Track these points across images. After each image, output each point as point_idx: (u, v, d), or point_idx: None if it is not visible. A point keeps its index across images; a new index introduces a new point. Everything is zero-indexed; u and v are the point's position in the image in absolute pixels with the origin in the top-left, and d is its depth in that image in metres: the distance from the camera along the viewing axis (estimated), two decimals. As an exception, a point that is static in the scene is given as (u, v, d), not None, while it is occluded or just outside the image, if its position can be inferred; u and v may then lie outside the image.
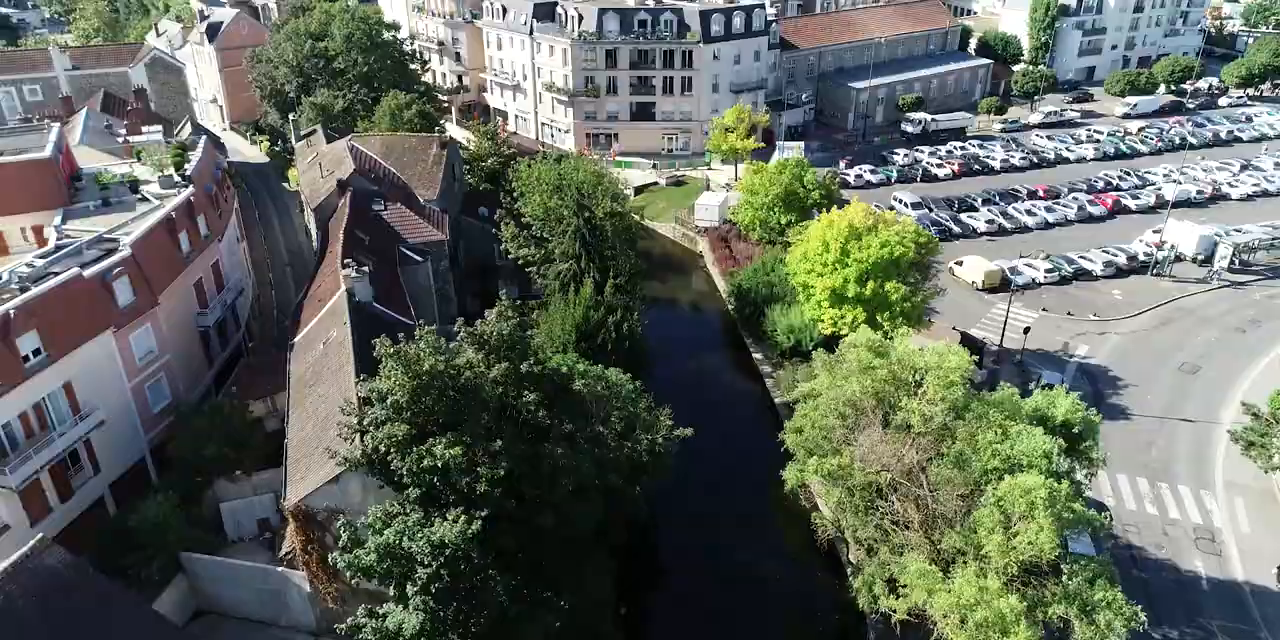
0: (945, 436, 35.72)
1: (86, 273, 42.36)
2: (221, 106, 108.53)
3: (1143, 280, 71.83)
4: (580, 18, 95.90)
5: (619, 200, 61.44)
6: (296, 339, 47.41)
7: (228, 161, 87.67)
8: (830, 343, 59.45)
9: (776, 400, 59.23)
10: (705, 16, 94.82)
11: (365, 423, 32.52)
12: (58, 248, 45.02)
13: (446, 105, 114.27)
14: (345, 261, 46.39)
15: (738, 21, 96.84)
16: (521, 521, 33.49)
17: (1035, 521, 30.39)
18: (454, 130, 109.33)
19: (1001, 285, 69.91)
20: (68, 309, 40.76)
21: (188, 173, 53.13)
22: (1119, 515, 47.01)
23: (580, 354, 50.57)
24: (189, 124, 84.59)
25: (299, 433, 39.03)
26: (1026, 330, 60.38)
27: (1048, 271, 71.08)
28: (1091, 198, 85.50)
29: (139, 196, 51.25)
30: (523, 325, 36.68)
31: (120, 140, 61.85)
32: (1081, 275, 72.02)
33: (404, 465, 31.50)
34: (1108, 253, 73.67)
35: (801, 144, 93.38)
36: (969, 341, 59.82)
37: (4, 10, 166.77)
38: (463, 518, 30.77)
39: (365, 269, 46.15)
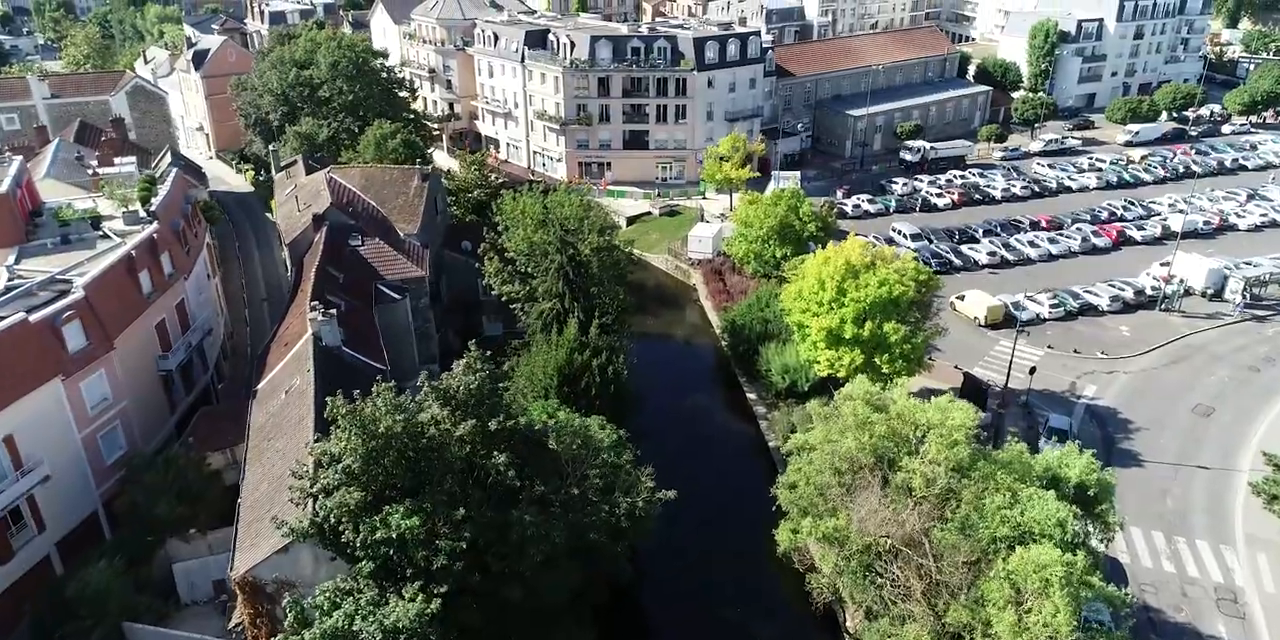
0: (950, 499, 33.02)
1: (33, 317, 39.79)
2: (208, 134, 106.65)
3: (1151, 315, 69.27)
4: (572, 45, 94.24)
5: (607, 234, 59.05)
6: (261, 385, 44.78)
7: (209, 191, 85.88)
8: (826, 384, 57.16)
9: (770, 444, 56.51)
10: (699, 44, 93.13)
11: (315, 489, 29.82)
12: (7, 289, 42.47)
13: (437, 133, 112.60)
14: (313, 303, 43.88)
15: (732, 49, 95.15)
16: (487, 595, 30.71)
17: (1050, 600, 27.61)
18: (444, 159, 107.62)
19: (1005, 321, 67.34)
20: (11, 356, 38.14)
21: (153, 208, 50.70)
22: (1134, 574, 44.13)
23: (562, 399, 48.04)
24: (169, 153, 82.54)
25: (253, 492, 36.27)
26: (1032, 371, 57.76)
27: (1052, 307, 68.57)
28: (1096, 228, 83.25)
29: (100, 233, 48.83)
30: (494, 377, 34.09)
31: (90, 172, 59.51)
32: (1088, 310, 69.46)
33: (356, 537, 28.77)
34: (1114, 287, 71.18)
35: (798, 173, 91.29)
36: (972, 383, 57.26)
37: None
38: (420, 596, 27.99)
39: (333, 311, 43.63)
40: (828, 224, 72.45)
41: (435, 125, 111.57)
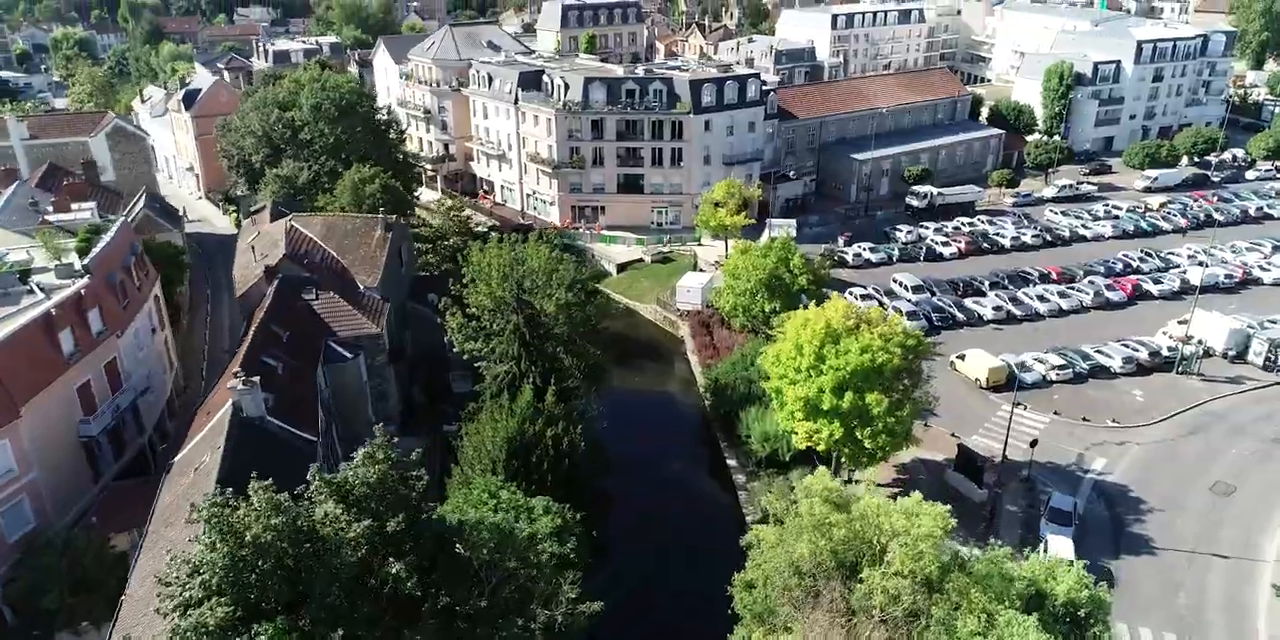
0: (917, 618, 28.59)
1: (-76, 386, 36.68)
2: (198, 175, 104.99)
3: (1167, 379, 64.35)
4: (566, 87, 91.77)
5: (576, 289, 55.47)
6: (178, 458, 41.26)
7: (185, 234, 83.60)
8: (810, 454, 52.83)
9: (748, 519, 52.03)
10: (696, 86, 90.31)
11: (174, 605, 25.95)
12: (-92, 352, 39.50)
13: (432, 174, 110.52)
14: (236, 370, 40.45)
15: (730, 91, 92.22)
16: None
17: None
18: (435, 198, 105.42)
19: (1007, 383, 62.64)
20: (-107, 430, 34.95)
21: (88, 261, 47.79)
22: (1143, 686, 39.20)
23: (511, 474, 44.13)
24: (144, 196, 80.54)
25: (138, 589, 32.51)
26: (1033, 444, 53.03)
27: (1060, 369, 63.90)
28: (1110, 281, 78.54)
29: (27, 288, 45.88)
30: (403, 466, 30.20)
31: (39, 219, 57.01)
32: (1098, 373, 64.65)
33: (215, 663, 24.85)
34: (1128, 346, 66.39)
35: (793, 221, 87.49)
36: (966, 456, 52.68)
37: (7, 74, 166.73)
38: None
39: (255, 380, 40.12)
40: (820, 276, 68.50)
41: (429, 167, 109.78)
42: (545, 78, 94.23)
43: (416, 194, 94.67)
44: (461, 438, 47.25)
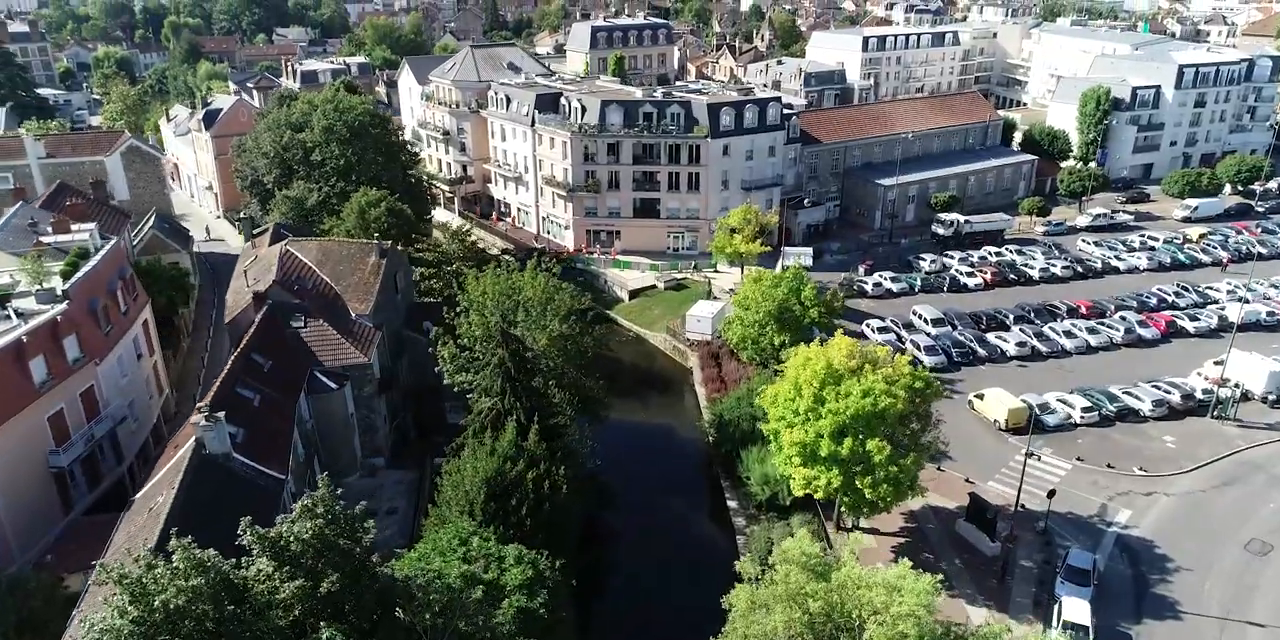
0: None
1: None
2: (216, 194, 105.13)
3: (1201, 424, 60.57)
4: (583, 109, 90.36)
5: (571, 321, 53.45)
6: (140, 494, 39.74)
7: (203, 252, 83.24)
8: (811, 499, 50.15)
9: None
10: (714, 110, 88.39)
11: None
12: None
13: (450, 196, 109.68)
14: (200, 404, 38.91)
15: (750, 115, 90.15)
16: None
17: None
18: (452, 220, 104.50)
19: (1029, 425, 59.28)
20: None
21: (67, 286, 46.76)
22: None
23: (488, 517, 41.95)
24: (154, 215, 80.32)
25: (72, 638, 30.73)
26: (1051, 494, 49.68)
27: (1085, 411, 60.45)
28: (1142, 317, 74.80)
29: (4, 313, 44.91)
30: (344, 520, 28.13)
31: (34, 241, 56.37)
32: (1127, 415, 61.06)
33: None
34: (1159, 388, 62.72)
35: (809, 249, 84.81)
36: (978, 505, 49.51)
37: (47, 91, 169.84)
38: None
39: (220, 415, 38.51)
40: (833, 309, 65.79)
41: (448, 189, 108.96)
42: (563, 100, 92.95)
43: (429, 217, 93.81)
44: (441, 475, 45.21)
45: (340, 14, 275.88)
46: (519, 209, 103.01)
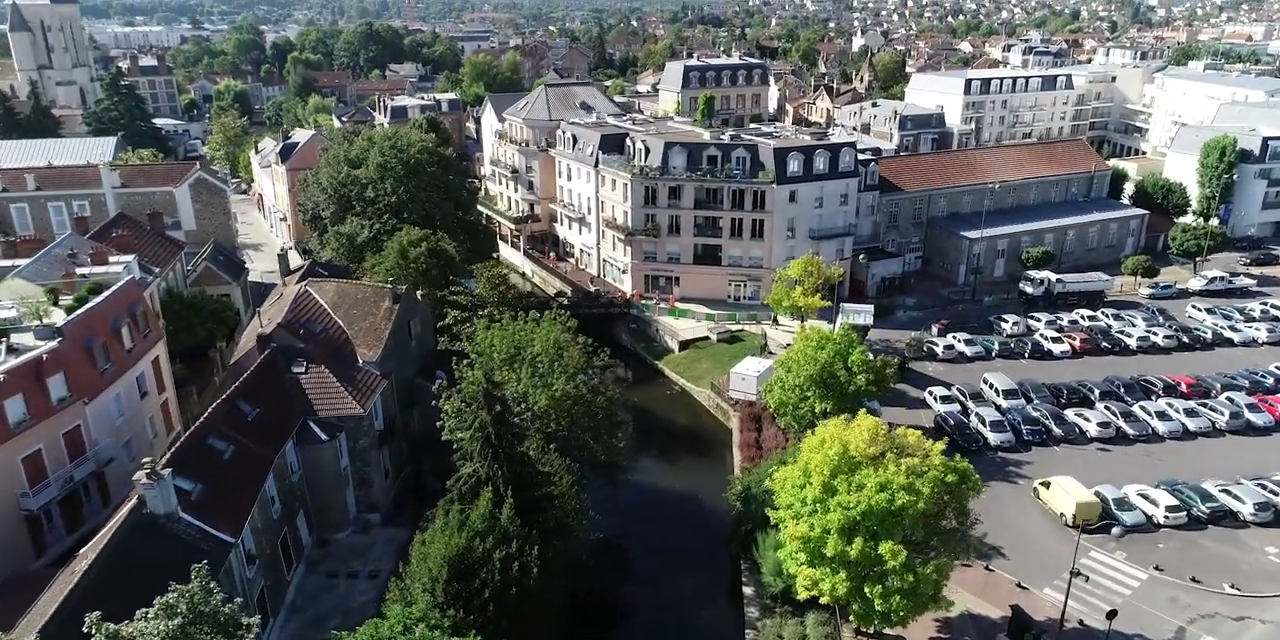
0: None
1: None
2: (289, 226, 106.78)
3: (1314, 534, 51.64)
4: (647, 151, 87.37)
5: (578, 380, 49.57)
6: (85, 548, 37.63)
7: (266, 283, 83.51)
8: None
9: (746, 673, 43.90)
10: (781, 154, 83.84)
11: None
12: None
13: (517, 234, 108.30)
14: (146, 460, 36.67)
15: (820, 161, 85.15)
16: None
17: None
18: (517, 259, 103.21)
19: (1101, 522, 51.76)
20: None
21: (62, 323, 45.91)
22: None
23: (451, 597, 38.08)
24: (210, 247, 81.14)
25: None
26: (1111, 615, 42.26)
27: (1171, 510, 52.35)
28: (1254, 400, 65.39)
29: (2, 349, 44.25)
30: (216, 620, 24.80)
31: (62, 273, 56.53)
32: (1222, 518, 52.57)
33: None
34: (1265, 488, 53.97)
35: (870, 307, 78.41)
36: (1020, 620, 42.70)
37: (164, 121, 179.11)
38: None
39: (167, 472, 36.16)
40: (884, 378, 59.70)
41: (514, 227, 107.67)
42: (628, 141, 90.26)
43: (496, 255, 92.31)
44: (411, 544, 41.75)
45: (453, 51, 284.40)
46: (581, 250, 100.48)
